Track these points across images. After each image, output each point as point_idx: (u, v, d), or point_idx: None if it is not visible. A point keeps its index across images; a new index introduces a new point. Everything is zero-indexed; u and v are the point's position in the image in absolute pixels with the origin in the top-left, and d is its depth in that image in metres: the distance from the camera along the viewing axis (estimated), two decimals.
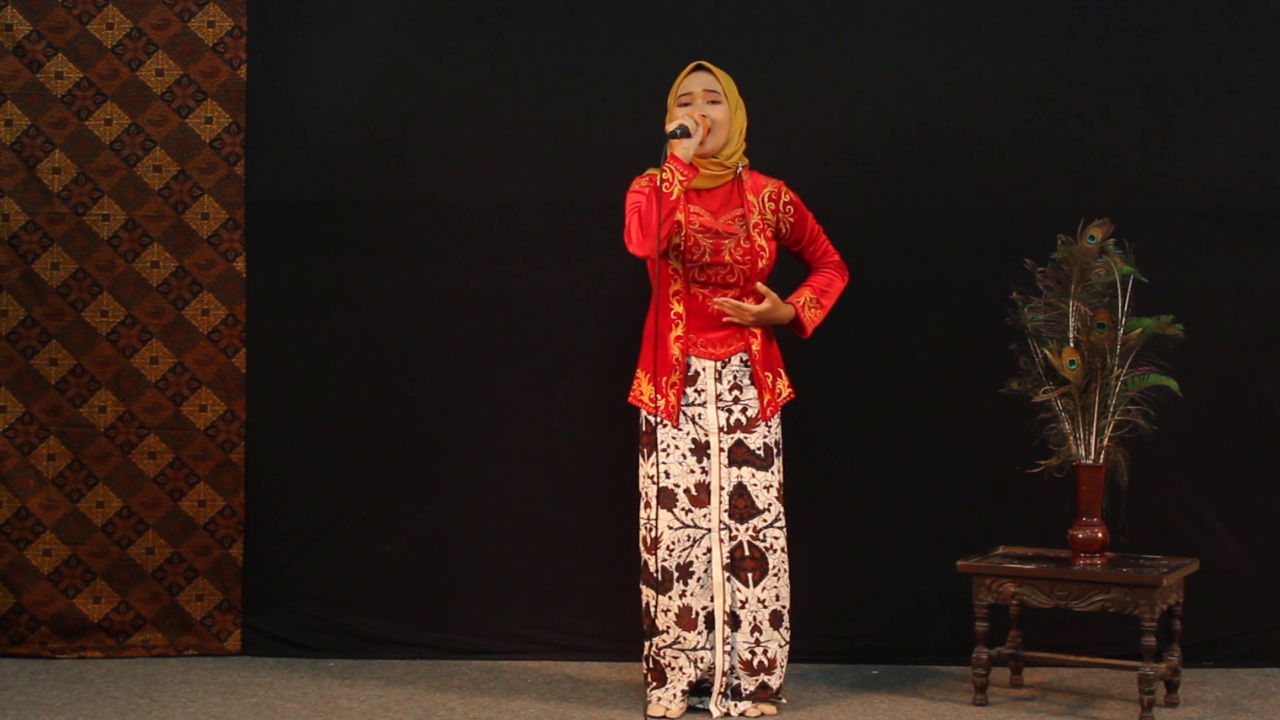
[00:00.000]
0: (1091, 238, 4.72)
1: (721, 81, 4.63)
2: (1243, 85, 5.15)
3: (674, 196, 4.47)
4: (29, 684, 5.00)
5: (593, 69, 5.27)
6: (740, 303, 4.59)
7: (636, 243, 4.50)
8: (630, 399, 4.70)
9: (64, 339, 5.33)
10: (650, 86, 5.18)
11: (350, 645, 5.33)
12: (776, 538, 4.63)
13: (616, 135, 5.23)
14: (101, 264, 5.32)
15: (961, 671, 5.00)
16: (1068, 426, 4.73)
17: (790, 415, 4.79)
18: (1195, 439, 5.13)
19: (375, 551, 5.34)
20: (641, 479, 4.68)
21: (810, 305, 4.72)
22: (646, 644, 4.67)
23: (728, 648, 4.62)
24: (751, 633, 4.62)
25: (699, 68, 4.65)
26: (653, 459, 4.61)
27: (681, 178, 4.49)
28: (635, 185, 4.65)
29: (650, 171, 4.66)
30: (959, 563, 4.79)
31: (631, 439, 5.24)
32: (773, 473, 4.65)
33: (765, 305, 4.61)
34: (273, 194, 5.32)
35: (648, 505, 4.64)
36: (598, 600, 5.30)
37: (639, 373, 4.68)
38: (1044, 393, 4.72)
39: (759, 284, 4.61)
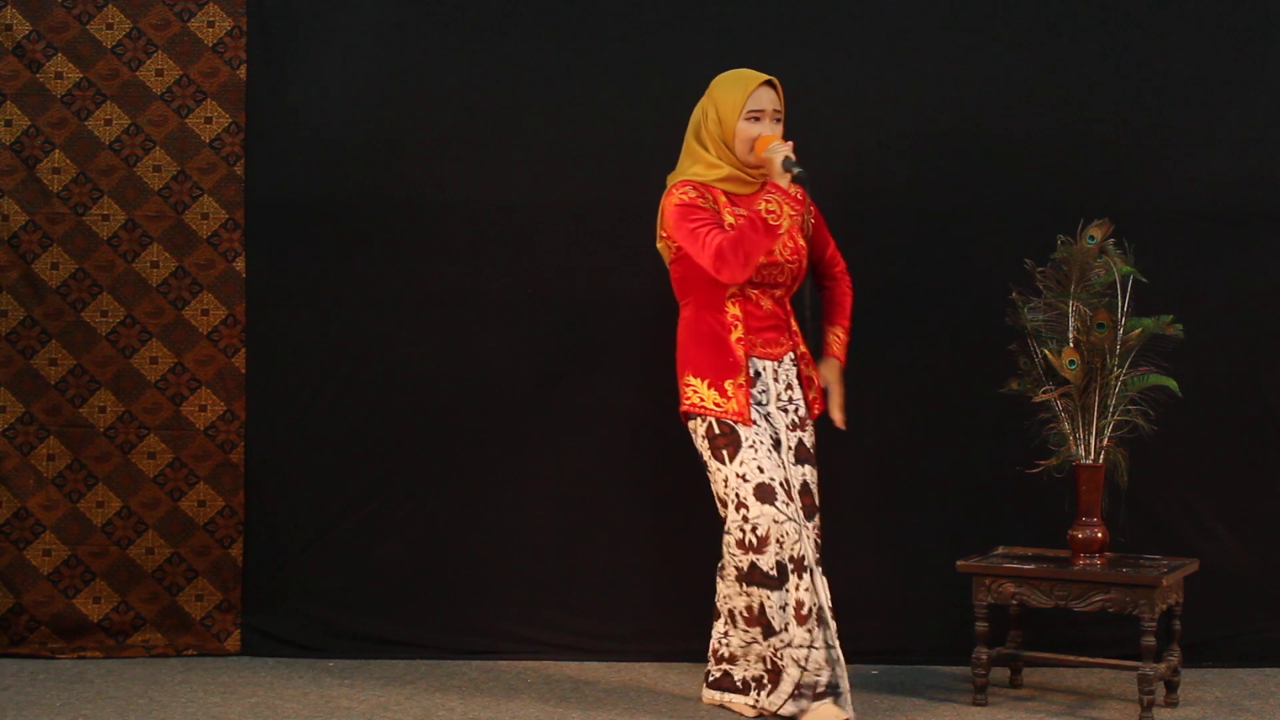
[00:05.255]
0: (1091, 238, 4.72)
1: (783, 100, 4.58)
2: (1243, 85, 5.15)
3: (782, 230, 4.40)
4: (29, 684, 5.00)
5: (594, 68, 5.27)
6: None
7: (734, 272, 4.41)
8: (688, 409, 4.56)
9: (64, 339, 5.33)
10: (651, 86, 5.19)
11: (350, 645, 5.33)
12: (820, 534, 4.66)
13: (618, 135, 5.24)
14: (101, 264, 5.32)
15: (961, 671, 5.00)
16: (1067, 426, 4.73)
17: None
18: (1195, 439, 5.13)
19: (375, 551, 5.34)
20: (722, 481, 4.51)
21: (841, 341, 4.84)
22: (764, 644, 4.52)
23: (831, 643, 4.54)
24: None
25: (769, 84, 4.56)
26: (739, 458, 4.49)
27: (791, 212, 4.41)
28: (684, 197, 4.51)
29: (692, 179, 4.55)
30: (959, 563, 4.79)
31: (633, 438, 5.27)
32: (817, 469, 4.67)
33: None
34: (273, 194, 5.32)
35: (740, 507, 4.48)
36: (598, 600, 5.30)
37: (691, 380, 4.56)
38: (1044, 393, 4.72)
39: (826, 373, 4.74)
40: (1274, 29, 5.15)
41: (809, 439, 4.66)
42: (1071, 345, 4.70)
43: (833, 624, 4.53)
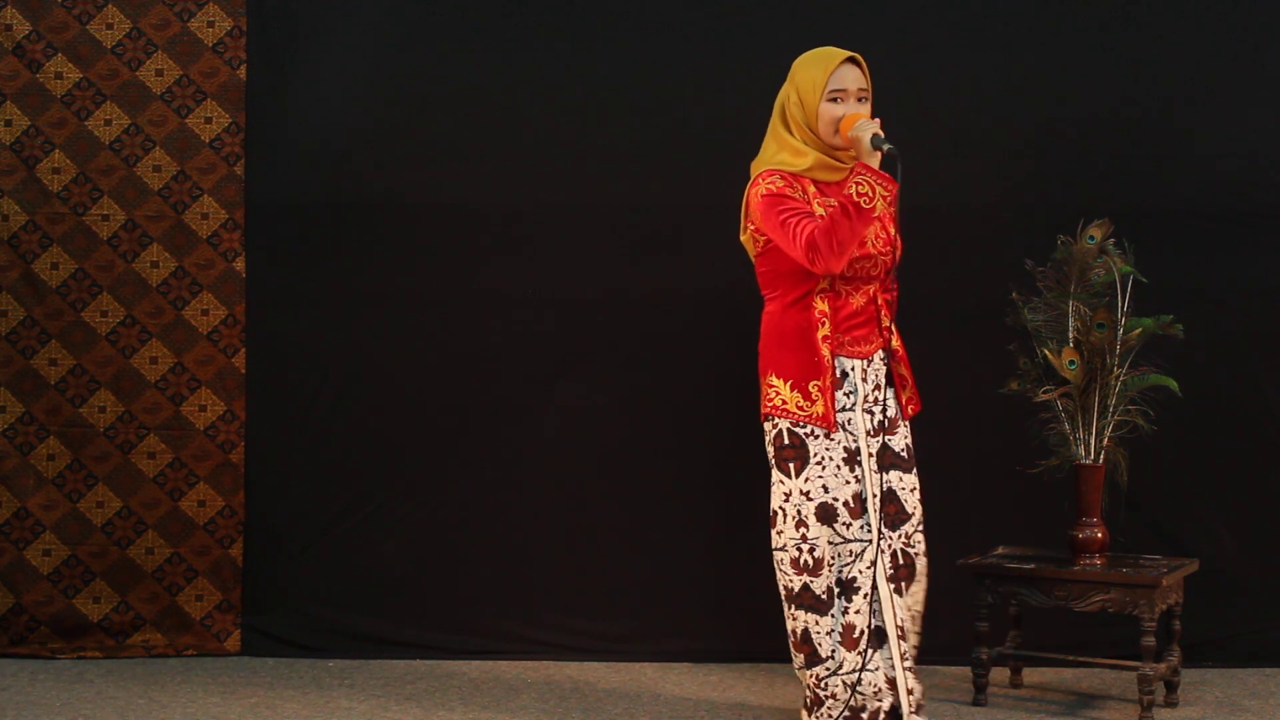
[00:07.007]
0: (1091, 238, 4.72)
1: (868, 78, 4.32)
2: (1243, 84, 5.15)
3: (876, 213, 4.12)
4: (29, 684, 5.00)
5: (594, 68, 5.27)
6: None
7: (828, 263, 4.11)
8: (770, 411, 4.30)
9: (64, 339, 5.32)
10: (651, 86, 5.19)
11: (350, 645, 5.33)
12: (920, 541, 4.44)
13: (618, 135, 5.23)
14: (101, 264, 5.32)
15: (961, 671, 5.00)
16: (1067, 426, 4.73)
17: None
18: (1195, 439, 5.13)
19: (375, 551, 5.34)
20: (783, 495, 4.30)
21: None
22: (806, 672, 4.36)
23: (907, 663, 4.38)
24: (914, 645, 4.43)
25: (851, 60, 4.25)
26: (804, 474, 4.28)
27: (885, 193, 4.11)
28: (772, 186, 4.22)
29: (778, 167, 4.29)
30: (959, 562, 4.79)
31: (633, 438, 5.26)
32: (915, 474, 4.46)
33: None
34: (273, 194, 5.32)
35: (800, 525, 4.28)
36: (598, 600, 5.30)
37: (774, 380, 4.30)
38: (1044, 393, 4.72)
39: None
40: (1274, 29, 5.15)
41: (899, 441, 4.43)
42: (1071, 345, 4.70)
43: (904, 642, 4.38)
